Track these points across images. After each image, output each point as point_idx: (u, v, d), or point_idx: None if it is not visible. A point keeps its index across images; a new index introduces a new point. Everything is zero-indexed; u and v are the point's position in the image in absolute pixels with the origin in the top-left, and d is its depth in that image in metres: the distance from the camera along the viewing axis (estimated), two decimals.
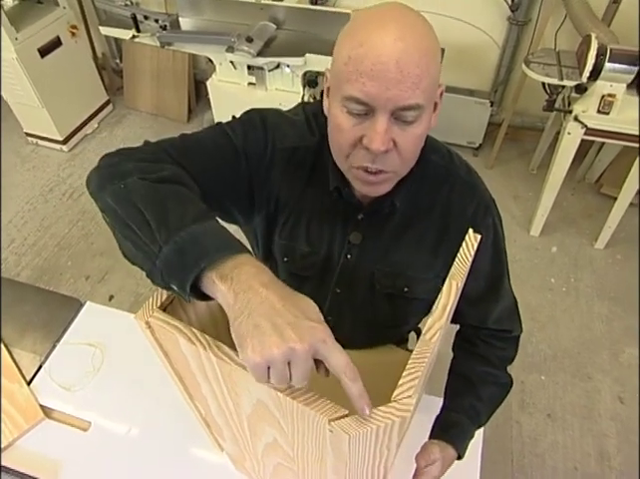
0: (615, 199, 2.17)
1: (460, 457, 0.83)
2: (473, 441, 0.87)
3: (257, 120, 0.78)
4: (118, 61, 3.12)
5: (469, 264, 0.55)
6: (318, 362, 0.47)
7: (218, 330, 0.56)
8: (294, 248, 0.86)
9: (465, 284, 0.81)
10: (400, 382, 0.47)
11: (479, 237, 0.58)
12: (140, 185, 0.58)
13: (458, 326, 0.99)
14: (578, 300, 2.12)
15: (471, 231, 0.58)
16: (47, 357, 1.12)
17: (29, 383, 1.07)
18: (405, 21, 0.58)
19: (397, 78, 0.56)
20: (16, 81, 2.46)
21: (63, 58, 2.60)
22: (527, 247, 2.32)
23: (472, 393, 0.86)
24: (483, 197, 0.81)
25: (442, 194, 0.79)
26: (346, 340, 1.04)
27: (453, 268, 0.54)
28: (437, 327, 0.50)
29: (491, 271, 0.84)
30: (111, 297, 2.12)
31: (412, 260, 0.83)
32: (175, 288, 0.50)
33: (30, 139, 2.84)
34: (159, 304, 0.55)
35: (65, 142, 2.76)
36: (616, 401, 1.82)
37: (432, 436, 0.83)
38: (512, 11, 2.27)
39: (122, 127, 3.00)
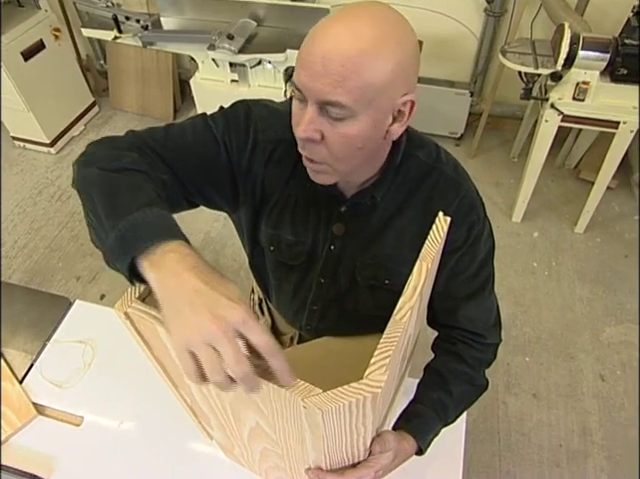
0: (593, 183, 2.22)
1: (421, 452, 0.80)
2: (456, 436, 0.84)
3: (241, 111, 0.80)
4: (102, 62, 3.13)
5: (439, 247, 0.58)
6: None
7: None
8: (279, 237, 0.88)
9: (441, 279, 0.84)
10: (372, 361, 0.49)
11: (448, 219, 0.60)
12: (95, 175, 0.62)
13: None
14: (560, 283, 2.18)
15: (441, 213, 0.61)
16: (38, 356, 1.14)
17: (21, 382, 1.09)
18: (357, 21, 0.59)
19: (320, 72, 0.58)
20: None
21: (47, 61, 2.61)
22: (510, 233, 2.38)
23: (442, 388, 0.84)
24: (468, 195, 0.80)
25: (424, 190, 0.79)
26: (332, 329, 1.08)
27: (423, 250, 0.57)
28: (407, 308, 0.53)
29: (474, 272, 0.84)
30: (102, 297, 2.16)
31: (392, 253, 0.84)
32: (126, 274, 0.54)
33: (17, 142, 2.85)
34: (137, 295, 0.57)
35: (52, 144, 2.78)
36: (598, 379, 1.88)
37: (395, 426, 0.80)
38: (489, 2, 2.31)
39: (108, 127, 3.02)
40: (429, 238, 0.60)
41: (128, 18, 2.12)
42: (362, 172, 0.77)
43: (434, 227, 0.62)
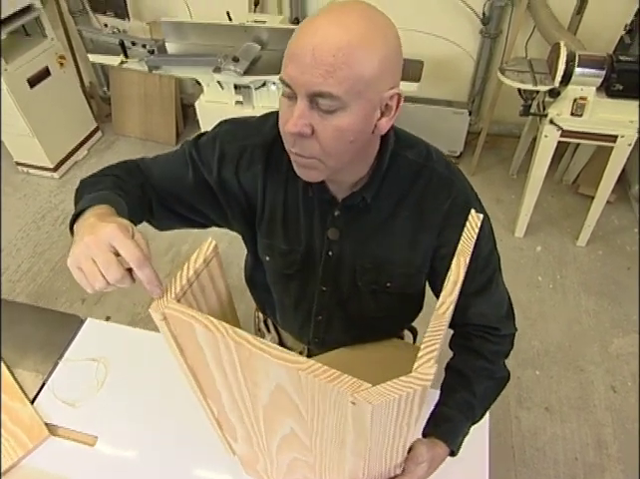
0: (592, 198, 2.26)
1: (453, 454, 0.81)
2: (478, 439, 0.83)
3: (212, 130, 0.87)
4: (105, 89, 3.18)
5: (474, 241, 0.59)
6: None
7: (228, 322, 0.59)
8: (273, 246, 0.89)
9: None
10: (419, 355, 0.50)
11: (481, 216, 0.62)
12: (85, 179, 0.81)
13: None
14: (566, 296, 2.19)
15: (473, 211, 0.62)
16: (49, 375, 1.12)
17: (32, 401, 1.07)
18: (345, 16, 0.60)
19: (310, 63, 0.59)
20: (6, 112, 2.50)
21: (52, 87, 2.65)
22: (513, 248, 2.40)
23: (466, 388, 0.84)
24: (462, 192, 0.80)
25: (416, 189, 0.79)
26: (340, 338, 1.08)
27: (460, 246, 0.59)
28: (448, 302, 0.54)
29: (480, 268, 0.83)
30: (107, 319, 2.14)
31: (390, 255, 0.84)
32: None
33: (20, 168, 2.87)
34: (173, 296, 0.58)
35: (55, 169, 2.80)
36: (609, 391, 1.87)
37: (424, 432, 0.81)
38: (484, 24, 2.38)
39: (111, 152, 3.05)
40: (463, 234, 0.62)
41: (134, 43, 2.18)
42: (352, 170, 0.77)
43: (467, 224, 0.63)
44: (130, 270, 0.58)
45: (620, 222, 2.49)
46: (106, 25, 2.32)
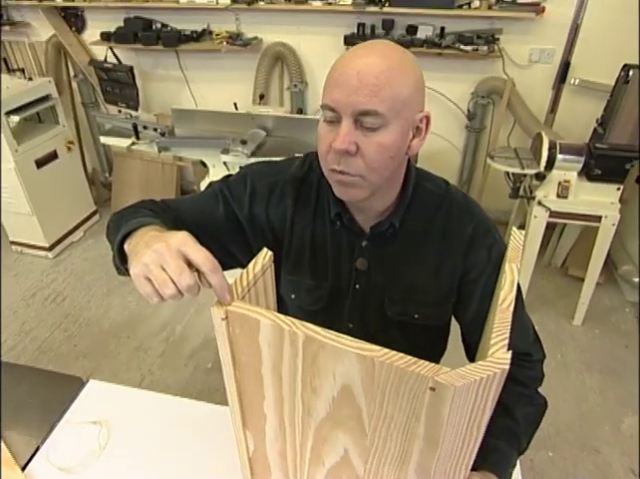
0: (582, 279, 2.33)
1: None
2: None
3: (240, 170, 0.92)
4: (107, 175, 3.29)
5: (520, 250, 0.62)
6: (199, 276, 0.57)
7: None
8: (299, 283, 0.90)
9: (474, 306, 0.86)
10: (491, 342, 0.51)
11: (523, 231, 0.66)
12: (120, 210, 0.84)
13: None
14: (569, 375, 2.17)
15: (514, 228, 0.66)
16: (44, 439, 1.03)
17: (23, 468, 0.97)
18: (380, 47, 0.70)
19: (356, 85, 0.66)
20: (11, 189, 2.55)
21: (57, 170, 2.74)
22: None
23: (507, 416, 0.82)
24: (482, 219, 0.85)
25: (439, 217, 0.84)
26: None
27: (508, 254, 0.61)
28: (510, 299, 0.56)
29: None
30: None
31: (417, 284, 0.86)
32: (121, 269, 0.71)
33: (15, 247, 2.85)
34: (235, 296, 0.57)
35: (50, 249, 2.78)
36: (629, 474, 1.78)
37: (473, 466, 0.81)
38: (469, 120, 2.62)
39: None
40: (510, 245, 0.65)
41: (145, 127, 2.31)
42: (382, 195, 0.81)
43: (511, 239, 0.67)
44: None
45: (611, 302, 2.55)
46: (120, 111, 2.47)
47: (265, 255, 0.65)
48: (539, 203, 2.14)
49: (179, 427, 1.04)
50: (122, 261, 0.70)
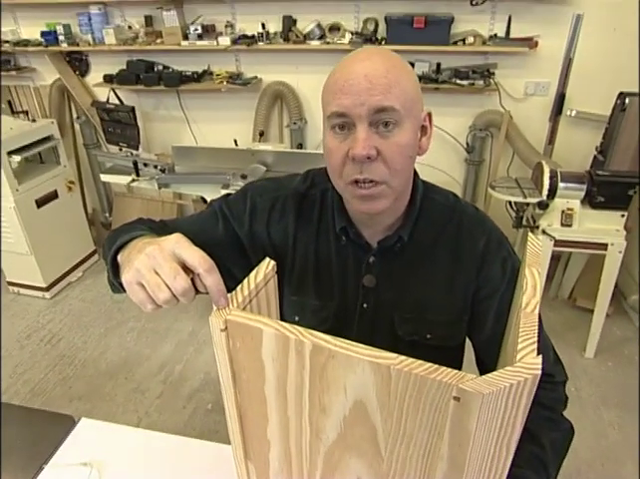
0: (591, 310, 2.28)
1: None
2: None
3: (241, 188, 0.89)
4: (107, 214, 3.28)
5: (539, 256, 0.59)
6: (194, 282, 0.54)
7: None
8: (303, 304, 0.86)
9: (489, 325, 0.81)
10: (518, 347, 0.46)
11: (541, 237, 0.63)
12: (117, 228, 0.80)
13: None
14: (585, 410, 2.07)
15: (530, 234, 0.63)
16: None
17: None
18: (376, 50, 0.70)
19: (367, 87, 0.65)
20: (10, 229, 2.53)
21: (57, 209, 2.73)
22: None
23: (533, 443, 0.77)
24: (494, 232, 0.82)
25: (449, 230, 0.81)
26: None
27: (527, 259, 0.58)
28: (534, 303, 0.52)
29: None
30: None
31: (429, 301, 0.82)
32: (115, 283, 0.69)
33: (11, 288, 2.81)
34: (236, 305, 0.53)
35: (48, 289, 2.74)
36: None
37: None
38: (468, 153, 2.63)
39: (106, 275, 3.02)
40: (528, 251, 0.61)
41: (146, 164, 2.32)
42: (392, 207, 0.78)
43: (528, 244, 0.63)
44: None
45: (623, 333, 2.48)
46: (120, 149, 2.49)
47: (268, 265, 0.61)
48: (544, 231, 2.11)
49: (176, 467, 0.98)
50: (115, 276, 0.66)
